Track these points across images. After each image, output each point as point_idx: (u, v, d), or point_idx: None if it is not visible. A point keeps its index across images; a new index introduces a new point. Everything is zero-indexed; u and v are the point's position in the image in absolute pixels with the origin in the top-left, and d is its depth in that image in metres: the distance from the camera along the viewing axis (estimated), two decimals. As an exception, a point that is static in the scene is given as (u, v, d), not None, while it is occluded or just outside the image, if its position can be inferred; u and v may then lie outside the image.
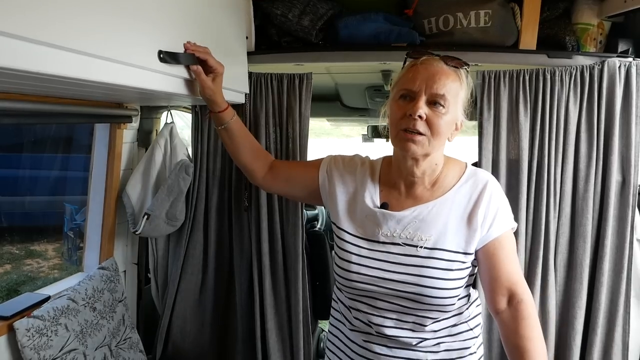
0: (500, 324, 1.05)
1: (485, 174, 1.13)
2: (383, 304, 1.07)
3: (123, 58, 0.99)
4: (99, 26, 0.91)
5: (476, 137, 1.64)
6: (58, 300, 1.49)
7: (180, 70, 1.22)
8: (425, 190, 1.10)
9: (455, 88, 1.02)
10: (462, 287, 1.06)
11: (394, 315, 1.07)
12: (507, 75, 1.59)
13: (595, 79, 1.54)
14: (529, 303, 1.03)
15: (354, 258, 1.09)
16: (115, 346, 1.64)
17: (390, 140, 1.09)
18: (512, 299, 1.03)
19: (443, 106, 1.00)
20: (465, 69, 1.06)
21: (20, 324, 1.34)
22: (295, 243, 1.76)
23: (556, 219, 1.59)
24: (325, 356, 1.29)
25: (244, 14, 1.64)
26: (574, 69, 1.55)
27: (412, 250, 1.05)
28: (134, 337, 1.75)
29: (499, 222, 1.06)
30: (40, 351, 1.35)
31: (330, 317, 1.29)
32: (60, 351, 1.41)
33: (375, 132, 3.30)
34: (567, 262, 1.61)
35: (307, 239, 1.85)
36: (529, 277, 1.59)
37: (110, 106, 1.61)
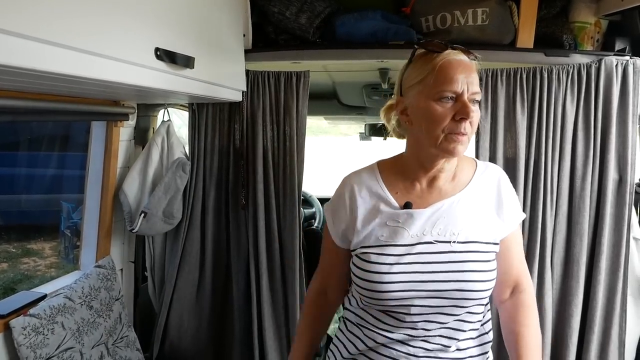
0: (501, 313, 1.08)
1: (494, 166, 1.13)
2: (417, 309, 0.99)
3: (120, 55, 0.99)
4: (96, 23, 0.91)
5: (473, 137, 1.64)
6: (54, 298, 1.48)
7: (177, 68, 1.22)
8: (447, 183, 1.05)
9: (478, 78, 0.99)
10: (495, 278, 1.02)
11: (427, 325, 1.00)
12: (505, 74, 1.59)
13: (592, 77, 1.55)
14: (530, 293, 1.07)
15: (384, 268, 0.98)
16: (112, 344, 1.63)
17: (425, 142, 0.99)
18: (516, 289, 1.06)
19: (479, 102, 0.98)
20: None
21: (17, 322, 1.34)
22: (292, 241, 1.76)
23: (553, 217, 1.60)
24: None
25: (241, 12, 1.64)
26: (571, 67, 1.56)
27: (446, 247, 0.99)
28: (131, 336, 1.75)
29: (515, 214, 1.07)
30: (36, 349, 1.35)
31: (335, 337, 1.18)
32: (56, 349, 1.40)
33: (372, 131, 3.30)
34: (563, 260, 1.62)
35: (304, 237, 1.85)
36: (526, 275, 1.59)
37: (107, 104, 1.60)
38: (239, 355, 1.87)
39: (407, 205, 1.02)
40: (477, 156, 1.62)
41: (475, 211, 1.03)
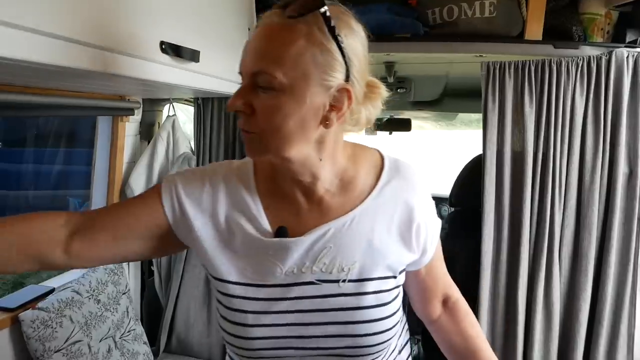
0: (438, 331, 0.92)
1: (409, 168, 0.81)
2: None
3: (125, 48, 0.98)
4: (101, 16, 0.90)
5: (480, 130, 1.62)
6: (62, 292, 1.50)
7: (183, 62, 1.22)
8: (333, 196, 0.76)
9: (296, 50, 0.63)
10: (399, 313, 0.80)
11: None
12: (512, 66, 1.57)
13: (603, 69, 1.52)
14: (463, 300, 0.93)
15: (250, 318, 0.73)
16: (120, 338, 1.64)
17: None
18: (447, 301, 0.92)
19: (272, 88, 0.64)
20: (321, 12, 0.64)
21: (25, 316, 1.35)
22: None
23: (561, 211, 1.58)
24: None
25: (246, 5, 1.63)
26: (580, 59, 1.53)
27: (333, 288, 0.73)
28: (138, 329, 1.76)
29: (434, 235, 0.83)
30: (45, 342, 1.36)
31: None
32: (65, 342, 1.41)
33: (378, 125, 3.28)
34: (572, 254, 1.60)
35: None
36: (533, 269, 1.58)
37: (112, 98, 1.60)
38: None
39: (280, 232, 0.74)
40: (484, 150, 1.60)
41: (374, 235, 0.75)
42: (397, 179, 0.79)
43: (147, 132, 1.92)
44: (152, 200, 0.76)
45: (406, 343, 0.94)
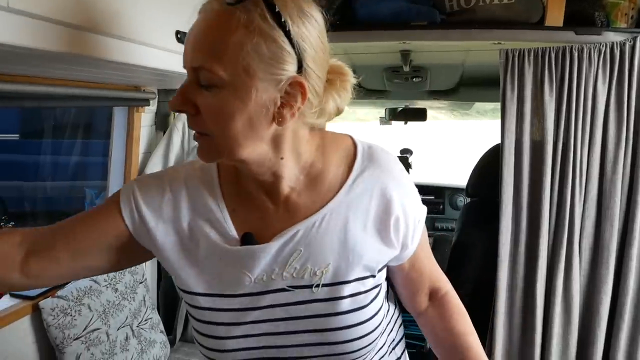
0: (425, 324, 0.87)
1: (385, 154, 0.75)
2: None
3: (141, 38, 0.98)
4: (117, 6, 0.90)
5: (496, 120, 1.59)
6: (81, 281, 1.52)
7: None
8: (300, 194, 0.70)
9: (235, 41, 0.57)
10: (381, 312, 0.76)
11: None
12: (532, 54, 1.53)
13: (626, 56, 1.47)
14: (454, 294, 0.86)
15: (221, 331, 0.70)
16: (137, 326, 1.67)
17: None
18: (435, 294, 0.85)
19: (213, 84, 0.59)
20: None
21: (45, 304, 1.38)
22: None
23: (582, 202, 1.55)
24: None
25: (260, -6, 1.61)
26: (603, 45, 1.49)
27: (306, 294, 0.69)
28: (155, 318, 1.78)
29: (417, 226, 0.76)
30: (65, 330, 1.39)
31: None
32: (84, 330, 1.44)
33: (393, 115, 3.25)
34: (592, 246, 1.57)
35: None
36: (552, 261, 1.55)
37: (128, 89, 1.61)
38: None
39: (246, 239, 0.69)
40: (502, 139, 1.57)
41: (348, 233, 0.70)
42: (371, 168, 0.72)
43: (162, 122, 1.92)
44: (111, 211, 0.72)
45: (401, 339, 0.89)
